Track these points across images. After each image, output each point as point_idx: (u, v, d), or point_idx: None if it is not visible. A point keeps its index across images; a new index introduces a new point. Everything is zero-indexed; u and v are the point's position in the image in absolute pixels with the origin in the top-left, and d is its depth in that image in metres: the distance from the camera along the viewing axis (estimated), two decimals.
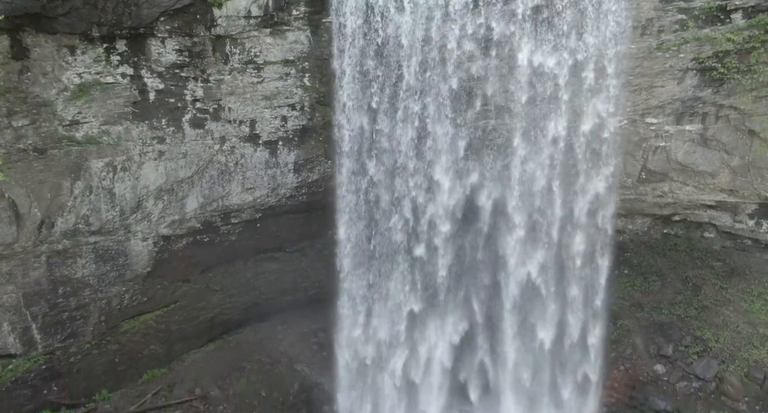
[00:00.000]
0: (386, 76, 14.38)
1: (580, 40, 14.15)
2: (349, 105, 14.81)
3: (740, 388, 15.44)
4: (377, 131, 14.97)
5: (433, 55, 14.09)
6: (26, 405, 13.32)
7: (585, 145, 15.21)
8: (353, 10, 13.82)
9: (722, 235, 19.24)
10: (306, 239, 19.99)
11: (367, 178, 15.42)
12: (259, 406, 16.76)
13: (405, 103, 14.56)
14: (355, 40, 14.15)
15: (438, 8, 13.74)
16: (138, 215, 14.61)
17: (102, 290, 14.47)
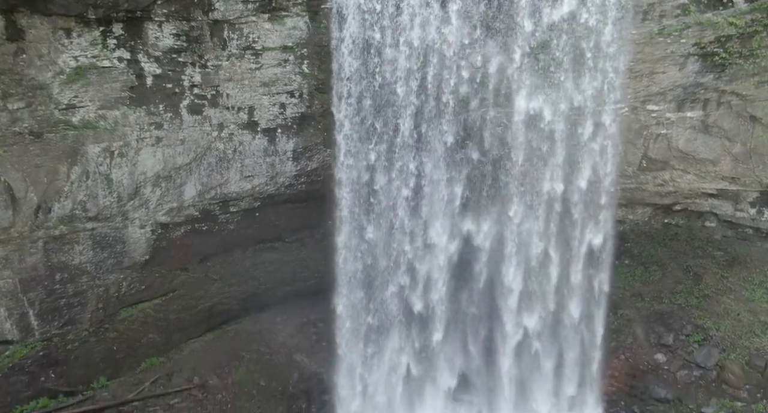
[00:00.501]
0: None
1: (578, 90, 14.13)
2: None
3: (741, 376, 15.36)
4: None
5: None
6: (24, 391, 13.23)
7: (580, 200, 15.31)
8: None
9: (723, 224, 19.16)
10: (305, 229, 19.90)
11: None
12: (258, 395, 16.68)
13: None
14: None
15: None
16: (136, 201, 14.51)
17: (100, 278, 14.38)
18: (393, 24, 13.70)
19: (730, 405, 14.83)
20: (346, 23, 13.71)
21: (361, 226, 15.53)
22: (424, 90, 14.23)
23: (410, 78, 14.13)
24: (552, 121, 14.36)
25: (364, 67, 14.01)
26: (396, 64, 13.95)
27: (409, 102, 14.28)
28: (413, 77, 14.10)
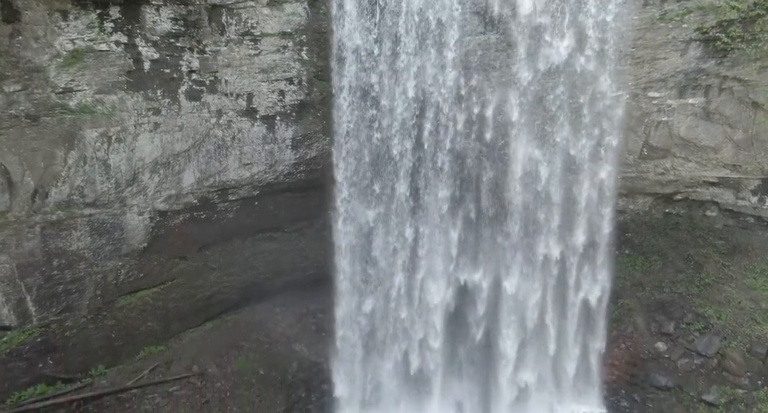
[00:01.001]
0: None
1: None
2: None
3: (742, 363, 15.30)
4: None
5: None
6: (21, 377, 13.15)
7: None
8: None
9: (724, 213, 19.07)
10: (304, 219, 19.80)
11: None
12: (257, 384, 16.62)
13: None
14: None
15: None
16: (134, 188, 14.41)
17: (98, 264, 14.29)
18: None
19: (731, 392, 14.77)
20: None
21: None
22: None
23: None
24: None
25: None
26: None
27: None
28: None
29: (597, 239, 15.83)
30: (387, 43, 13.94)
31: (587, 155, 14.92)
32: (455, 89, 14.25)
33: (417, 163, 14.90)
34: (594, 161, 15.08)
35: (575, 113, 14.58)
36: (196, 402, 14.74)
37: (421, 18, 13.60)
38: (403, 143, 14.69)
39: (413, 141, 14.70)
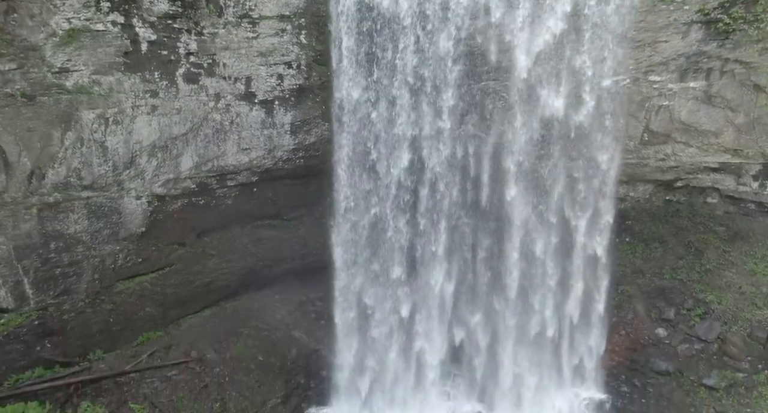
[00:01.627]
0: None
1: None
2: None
3: (743, 348, 15.25)
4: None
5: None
6: (19, 360, 13.10)
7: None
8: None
9: (725, 200, 18.98)
10: (303, 207, 19.72)
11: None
12: (256, 370, 16.56)
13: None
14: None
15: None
16: (131, 171, 14.31)
17: (95, 248, 14.21)
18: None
19: (731, 376, 14.74)
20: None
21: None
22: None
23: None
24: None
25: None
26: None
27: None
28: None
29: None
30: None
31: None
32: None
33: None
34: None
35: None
36: (194, 386, 14.70)
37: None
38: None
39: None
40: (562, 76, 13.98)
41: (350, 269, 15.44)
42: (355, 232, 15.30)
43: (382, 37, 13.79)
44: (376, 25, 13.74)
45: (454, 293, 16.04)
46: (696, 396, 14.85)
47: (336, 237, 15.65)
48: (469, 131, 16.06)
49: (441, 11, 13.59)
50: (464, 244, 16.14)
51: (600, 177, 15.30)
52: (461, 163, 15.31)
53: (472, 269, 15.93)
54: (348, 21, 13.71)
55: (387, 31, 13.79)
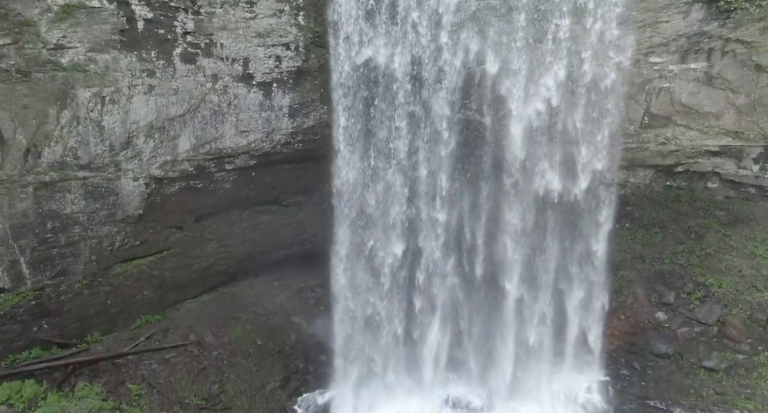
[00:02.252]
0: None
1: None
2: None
3: (743, 330, 15.21)
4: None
5: None
6: (16, 340, 13.04)
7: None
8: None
9: (726, 184, 18.90)
10: (302, 193, 19.63)
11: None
12: (254, 354, 16.52)
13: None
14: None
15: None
16: (128, 152, 14.22)
17: (92, 229, 14.13)
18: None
19: (731, 358, 14.70)
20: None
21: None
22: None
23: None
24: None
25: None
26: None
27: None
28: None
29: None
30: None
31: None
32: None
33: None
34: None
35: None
36: (192, 368, 14.65)
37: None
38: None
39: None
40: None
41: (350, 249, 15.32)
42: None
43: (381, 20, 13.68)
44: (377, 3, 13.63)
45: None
46: (696, 378, 14.82)
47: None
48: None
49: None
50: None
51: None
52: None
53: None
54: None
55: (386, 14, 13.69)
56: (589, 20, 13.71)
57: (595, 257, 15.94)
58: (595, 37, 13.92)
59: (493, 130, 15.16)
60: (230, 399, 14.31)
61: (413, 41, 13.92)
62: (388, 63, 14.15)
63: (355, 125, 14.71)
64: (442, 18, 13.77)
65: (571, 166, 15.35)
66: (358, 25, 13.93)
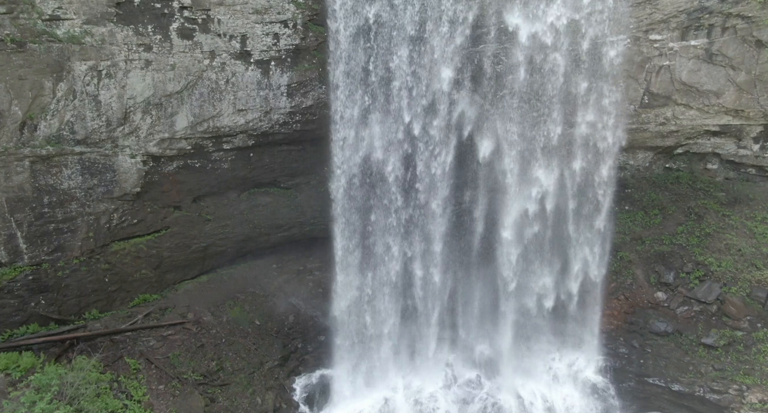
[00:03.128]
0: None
1: None
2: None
3: (742, 308, 15.18)
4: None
5: None
6: (14, 315, 13.01)
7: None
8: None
9: (726, 165, 18.84)
10: (300, 175, 19.55)
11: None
12: (253, 333, 16.51)
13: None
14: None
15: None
16: (125, 128, 14.14)
17: (90, 205, 14.07)
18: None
19: (730, 335, 14.67)
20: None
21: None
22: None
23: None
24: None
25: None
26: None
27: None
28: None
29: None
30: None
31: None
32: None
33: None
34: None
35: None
36: (191, 345, 14.62)
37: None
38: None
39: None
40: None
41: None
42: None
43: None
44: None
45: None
46: (695, 355, 14.79)
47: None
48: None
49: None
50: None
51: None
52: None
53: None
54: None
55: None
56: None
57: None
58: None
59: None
60: (228, 375, 14.28)
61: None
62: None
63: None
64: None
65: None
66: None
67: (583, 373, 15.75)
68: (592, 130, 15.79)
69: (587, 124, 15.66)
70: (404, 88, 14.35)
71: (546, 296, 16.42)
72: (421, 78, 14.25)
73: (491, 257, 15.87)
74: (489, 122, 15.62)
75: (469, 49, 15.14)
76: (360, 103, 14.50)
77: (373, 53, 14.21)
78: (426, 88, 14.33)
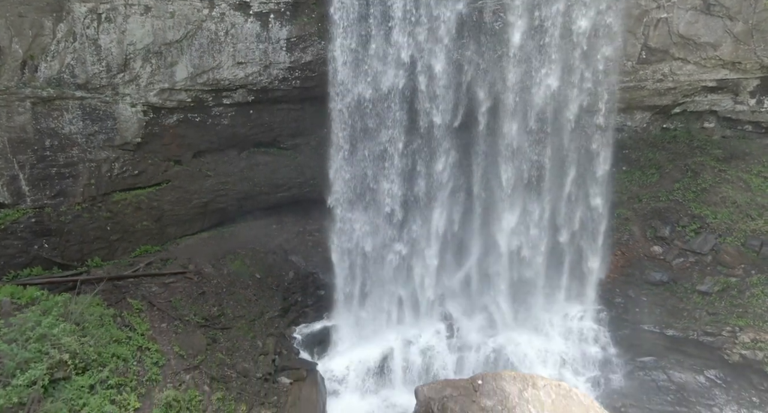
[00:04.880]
0: None
1: None
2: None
3: (737, 256, 15.37)
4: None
5: None
6: (17, 256, 13.18)
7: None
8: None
9: (722, 123, 18.96)
10: (300, 136, 19.64)
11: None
12: (253, 286, 16.70)
13: None
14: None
15: None
16: (126, 75, 14.22)
17: (91, 152, 14.20)
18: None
19: (724, 281, 14.88)
20: None
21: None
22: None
23: None
24: None
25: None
26: None
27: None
28: None
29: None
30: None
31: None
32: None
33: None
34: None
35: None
36: (192, 292, 14.81)
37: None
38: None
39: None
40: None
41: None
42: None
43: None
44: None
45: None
46: (689, 302, 15.00)
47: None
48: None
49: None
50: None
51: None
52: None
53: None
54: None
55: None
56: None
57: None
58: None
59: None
60: (230, 321, 14.48)
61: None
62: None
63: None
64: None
65: None
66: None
67: (581, 323, 15.97)
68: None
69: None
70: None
71: (541, 247, 16.68)
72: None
73: (491, 201, 16.04)
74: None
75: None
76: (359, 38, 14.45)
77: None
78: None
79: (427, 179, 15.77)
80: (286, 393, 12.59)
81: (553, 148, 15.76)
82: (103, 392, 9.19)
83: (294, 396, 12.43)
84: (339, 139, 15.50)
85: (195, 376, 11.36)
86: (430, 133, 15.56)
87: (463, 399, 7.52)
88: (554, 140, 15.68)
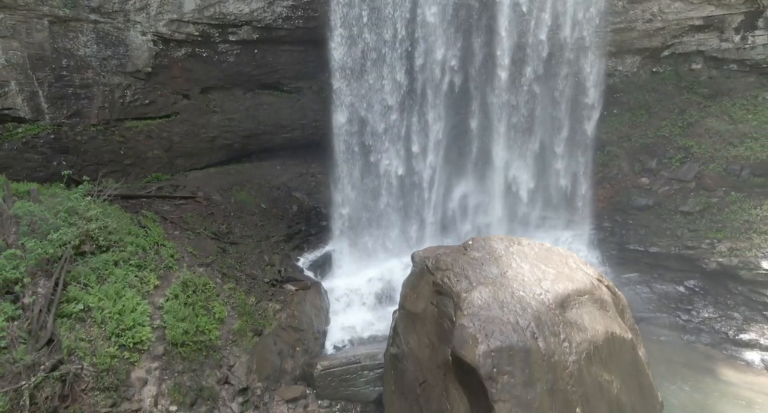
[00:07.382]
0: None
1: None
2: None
3: (718, 180, 16.17)
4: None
5: None
6: (38, 170, 13.92)
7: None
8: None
9: (709, 64, 19.63)
10: (303, 79, 20.36)
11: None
12: (259, 214, 17.51)
13: None
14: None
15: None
16: (136, 2, 14.88)
17: (104, 76, 14.90)
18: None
19: (705, 201, 15.70)
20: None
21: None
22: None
23: None
24: None
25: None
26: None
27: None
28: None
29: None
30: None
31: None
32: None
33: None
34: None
35: None
36: (202, 212, 15.59)
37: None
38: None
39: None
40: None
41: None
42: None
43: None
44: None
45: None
46: (672, 222, 15.84)
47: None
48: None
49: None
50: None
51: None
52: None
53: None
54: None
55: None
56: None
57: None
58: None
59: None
60: (237, 238, 15.30)
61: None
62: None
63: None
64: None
65: None
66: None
67: (572, 245, 16.85)
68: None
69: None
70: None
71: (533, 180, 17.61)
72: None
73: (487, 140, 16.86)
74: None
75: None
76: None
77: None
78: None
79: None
80: (292, 295, 13.46)
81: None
82: (127, 267, 10.01)
83: (300, 298, 13.29)
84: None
85: (208, 270, 12.20)
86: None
87: (454, 254, 8.34)
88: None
